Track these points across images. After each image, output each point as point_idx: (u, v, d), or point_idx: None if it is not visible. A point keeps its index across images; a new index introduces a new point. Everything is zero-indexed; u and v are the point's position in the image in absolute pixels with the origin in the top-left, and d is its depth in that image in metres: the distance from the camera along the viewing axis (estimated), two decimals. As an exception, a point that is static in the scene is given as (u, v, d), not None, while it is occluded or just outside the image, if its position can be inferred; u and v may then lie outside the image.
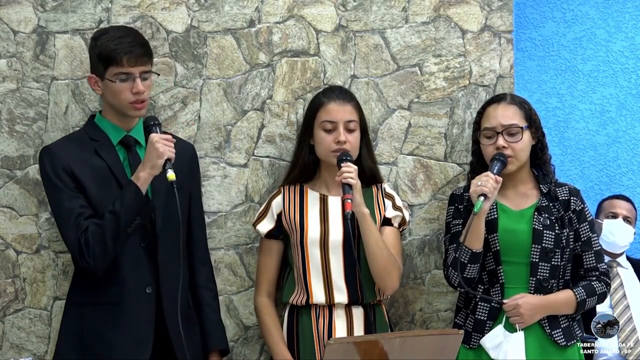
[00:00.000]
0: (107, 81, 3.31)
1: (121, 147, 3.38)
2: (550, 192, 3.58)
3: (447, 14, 3.85)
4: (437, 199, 3.85)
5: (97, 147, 3.35)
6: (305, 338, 3.52)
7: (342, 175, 3.40)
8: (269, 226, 3.58)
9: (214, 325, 3.50)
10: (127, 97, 3.31)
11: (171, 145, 3.23)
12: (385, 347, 3.00)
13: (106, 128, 3.39)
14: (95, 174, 3.31)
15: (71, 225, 3.24)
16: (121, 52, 3.28)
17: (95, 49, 3.34)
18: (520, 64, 4.71)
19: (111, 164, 3.33)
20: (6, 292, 3.62)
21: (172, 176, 3.19)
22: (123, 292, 3.29)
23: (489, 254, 3.51)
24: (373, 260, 3.46)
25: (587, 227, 3.59)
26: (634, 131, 4.81)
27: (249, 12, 3.75)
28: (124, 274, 3.29)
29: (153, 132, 3.29)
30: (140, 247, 3.31)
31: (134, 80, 3.30)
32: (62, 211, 3.27)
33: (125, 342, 3.27)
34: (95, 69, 3.36)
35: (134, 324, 3.28)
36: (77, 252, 3.23)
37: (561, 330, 3.52)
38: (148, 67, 3.36)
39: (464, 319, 3.57)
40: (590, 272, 3.58)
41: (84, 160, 3.32)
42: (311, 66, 3.79)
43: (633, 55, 4.81)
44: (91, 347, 3.29)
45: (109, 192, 3.27)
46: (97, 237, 3.20)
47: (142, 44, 3.35)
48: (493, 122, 3.54)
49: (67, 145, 3.36)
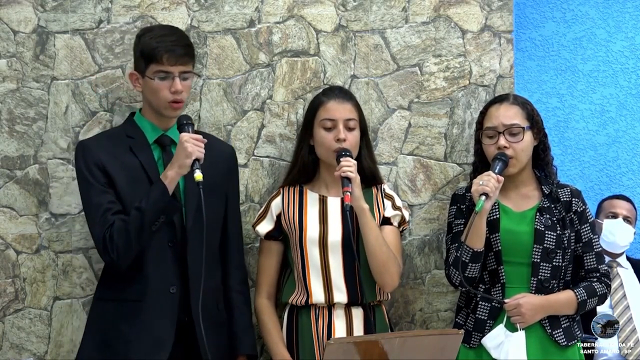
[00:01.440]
0: (147, 78, 3.33)
1: (157, 146, 3.39)
2: (552, 193, 3.58)
3: (447, 14, 3.85)
4: (437, 199, 3.85)
5: (132, 144, 3.36)
6: (305, 338, 3.52)
7: (341, 168, 3.40)
8: (268, 227, 3.58)
9: (244, 329, 3.48)
10: (165, 96, 3.32)
11: (201, 146, 3.23)
12: (385, 347, 3.00)
13: (144, 126, 3.40)
14: (127, 171, 3.32)
15: (98, 220, 3.25)
16: (162, 50, 3.29)
17: (138, 45, 3.36)
18: (520, 64, 4.71)
19: (144, 162, 3.34)
20: (6, 292, 3.62)
21: (199, 177, 3.19)
22: (145, 290, 3.28)
23: (491, 254, 3.51)
24: (372, 256, 3.46)
25: (588, 228, 3.60)
26: (634, 131, 4.81)
27: (249, 12, 3.75)
28: (147, 272, 3.29)
29: (185, 131, 3.28)
30: (167, 246, 3.31)
31: (173, 79, 3.31)
32: (91, 205, 3.29)
33: (144, 341, 3.26)
34: (137, 66, 3.38)
35: (154, 323, 3.27)
36: (101, 246, 3.25)
37: (562, 330, 3.52)
38: (189, 68, 3.36)
39: (464, 318, 3.57)
40: (591, 273, 3.59)
41: (117, 157, 3.33)
42: (311, 66, 3.79)
43: (633, 55, 4.81)
44: (111, 343, 3.29)
45: (140, 190, 3.28)
46: (122, 232, 3.21)
47: (184, 45, 3.36)
48: (495, 122, 3.55)
49: (101, 141, 3.38)
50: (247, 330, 3.49)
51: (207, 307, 3.24)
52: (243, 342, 3.46)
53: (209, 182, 3.25)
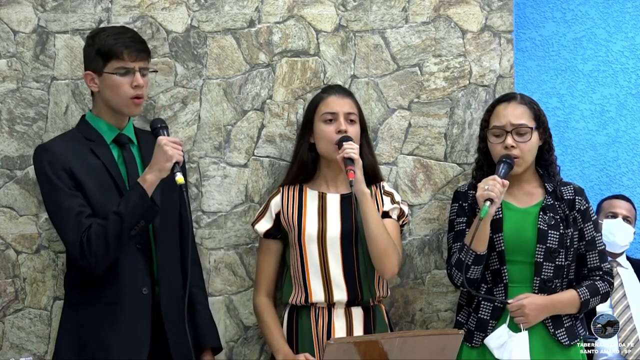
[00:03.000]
0: (107, 75, 3.31)
1: (115, 145, 3.38)
2: (555, 191, 3.58)
3: (447, 14, 3.85)
4: (437, 199, 3.85)
5: (93, 146, 3.34)
6: (305, 338, 3.52)
7: (345, 150, 3.41)
8: (267, 226, 3.59)
9: (207, 323, 3.51)
10: (127, 92, 3.31)
11: (179, 148, 3.23)
12: (385, 347, 3.00)
13: (99, 127, 3.37)
14: (93, 173, 3.29)
15: (72, 224, 3.22)
16: (122, 46, 3.29)
17: (93, 45, 3.34)
18: (520, 64, 4.71)
19: (106, 162, 3.32)
20: (6, 292, 3.62)
21: (180, 179, 3.19)
22: (120, 293, 3.28)
23: (494, 254, 3.51)
24: (373, 242, 3.45)
25: (592, 226, 3.60)
26: (634, 131, 4.81)
27: (249, 12, 3.75)
28: (120, 274, 3.28)
29: (160, 134, 3.27)
30: (135, 248, 3.30)
31: (133, 74, 3.31)
32: (61, 210, 3.25)
33: (122, 343, 3.26)
34: (92, 65, 3.34)
35: (131, 324, 3.28)
36: (78, 251, 3.21)
37: (564, 330, 3.52)
38: (146, 64, 3.37)
39: (466, 317, 3.57)
40: (594, 271, 3.59)
41: (82, 159, 3.30)
42: (311, 66, 3.79)
43: (633, 55, 4.81)
44: (88, 347, 3.28)
45: (106, 191, 3.27)
46: (100, 237, 3.19)
47: (140, 41, 3.37)
48: (503, 121, 3.54)
49: (64, 144, 3.34)
50: (210, 324, 3.52)
51: (176, 306, 3.27)
52: (207, 336, 3.49)
53: (163, 179, 3.23)
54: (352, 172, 3.37)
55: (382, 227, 3.45)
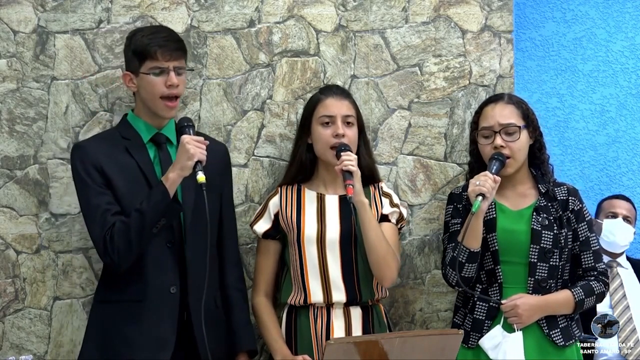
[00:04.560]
0: (142, 75, 3.34)
1: (152, 145, 3.40)
2: (548, 192, 3.58)
3: (447, 14, 3.85)
4: (437, 199, 3.85)
5: (128, 145, 3.37)
6: (304, 338, 3.51)
7: (343, 162, 3.41)
8: (266, 226, 3.58)
9: (243, 326, 3.49)
10: (161, 90, 3.33)
11: (203, 147, 3.24)
12: (385, 347, 3.00)
13: (138, 126, 3.41)
14: (125, 172, 3.32)
15: (97, 221, 3.26)
16: (155, 46, 3.32)
17: (130, 46, 3.38)
18: (520, 64, 4.71)
19: (141, 162, 3.34)
20: (6, 292, 3.62)
21: (202, 178, 3.20)
22: (146, 291, 3.28)
23: (488, 254, 3.51)
24: (372, 251, 3.45)
25: (586, 226, 3.59)
26: (634, 131, 4.81)
27: (249, 12, 3.75)
28: (147, 272, 3.29)
29: (185, 133, 3.29)
30: (166, 247, 3.31)
31: (168, 73, 3.33)
32: (90, 207, 3.29)
33: (146, 341, 3.27)
34: (130, 65, 3.39)
35: (156, 323, 3.28)
36: (101, 247, 3.25)
37: (559, 331, 3.52)
38: (182, 63, 3.39)
39: (462, 318, 3.57)
40: (589, 271, 3.59)
41: (113, 158, 3.33)
42: (311, 66, 3.79)
43: (633, 55, 4.81)
44: (113, 344, 3.29)
45: (138, 190, 3.28)
46: (122, 234, 3.21)
47: (176, 40, 3.39)
48: (491, 122, 3.55)
49: (97, 143, 3.38)
50: (246, 326, 3.50)
51: (206, 306, 3.24)
52: (243, 339, 3.47)
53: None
54: (350, 188, 3.37)
55: (381, 236, 3.46)
